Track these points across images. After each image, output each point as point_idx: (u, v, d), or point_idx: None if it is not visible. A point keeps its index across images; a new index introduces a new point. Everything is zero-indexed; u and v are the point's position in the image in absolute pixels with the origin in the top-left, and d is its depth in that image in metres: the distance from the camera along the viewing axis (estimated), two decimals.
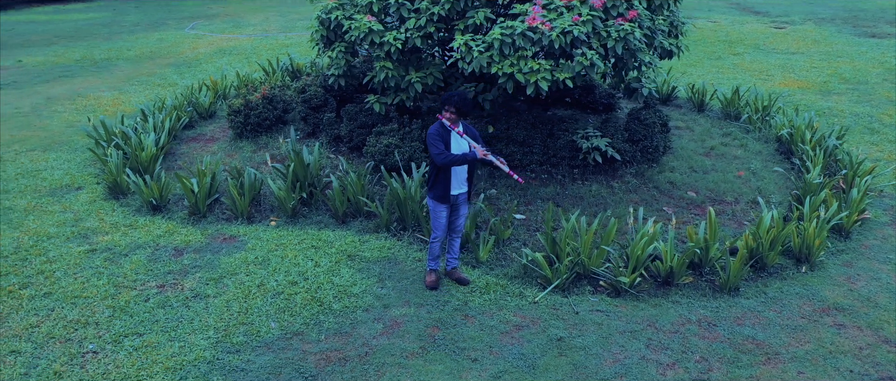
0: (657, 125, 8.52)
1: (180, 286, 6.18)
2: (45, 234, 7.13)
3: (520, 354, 5.27)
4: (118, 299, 5.98)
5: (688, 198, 7.92)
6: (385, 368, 5.12)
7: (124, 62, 15.13)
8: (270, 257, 6.65)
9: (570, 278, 6.21)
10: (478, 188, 7.94)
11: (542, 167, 8.22)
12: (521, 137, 8.12)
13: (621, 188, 7.93)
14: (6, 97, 12.38)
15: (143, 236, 7.06)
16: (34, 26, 19.88)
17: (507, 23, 7.17)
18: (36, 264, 6.54)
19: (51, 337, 5.46)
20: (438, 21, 7.73)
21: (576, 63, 7.11)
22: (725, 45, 16.29)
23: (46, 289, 6.12)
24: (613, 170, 8.26)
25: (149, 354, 5.26)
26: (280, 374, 5.04)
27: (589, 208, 7.53)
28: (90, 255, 6.71)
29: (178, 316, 5.73)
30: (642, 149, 8.41)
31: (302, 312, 5.80)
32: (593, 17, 7.17)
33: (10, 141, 9.99)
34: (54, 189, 8.25)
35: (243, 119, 9.56)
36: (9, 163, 9.11)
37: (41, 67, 14.78)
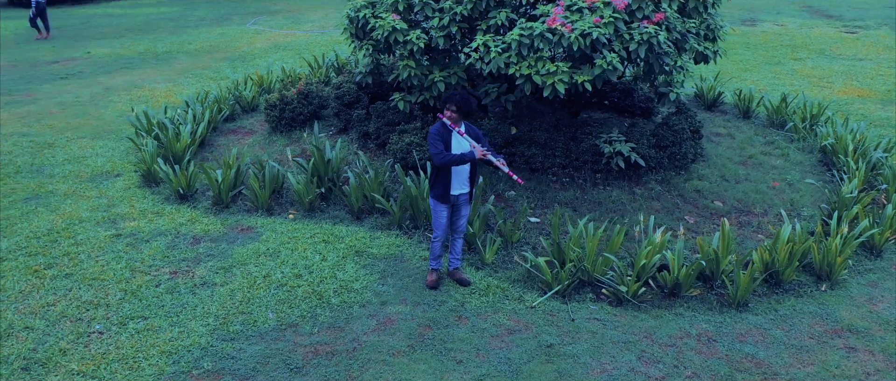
0: (687, 131, 8.28)
1: (191, 274, 6.40)
2: (77, 217, 7.50)
3: (506, 358, 5.23)
4: (132, 282, 6.24)
5: (713, 208, 7.66)
6: (369, 364, 5.17)
7: (184, 55, 15.72)
8: (281, 249, 6.81)
9: (573, 285, 6.12)
10: (496, 189, 7.90)
11: (565, 171, 8.11)
12: (543, 140, 8.03)
13: (643, 195, 7.75)
14: (70, 87, 13.06)
15: (167, 224, 7.34)
16: (108, 19, 20.87)
17: (526, 24, 7.11)
18: (64, 246, 6.89)
19: (63, 316, 5.75)
20: (461, 21, 7.73)
21: (596, 66, 7.01)
22: (788, 50, 15.65)
23: (68, 270, 6.45)
24: (638, 176, 8.07)
25: (149, 337, 5.48)
26: (267, 364, 5.17)
27: (606, 214, 7.39)
28: (115, 239, 7.03)
29: (184, 302, 5.94)
30: (670, 155, 8.19)
31: (301, 304, 5.91)
32: (616, 19, 7.03)
33: (65, 128, 10.54)
34: (95, 176, 8.66)
35: (278, 114, 9.80)
36: (60, 149, 9.62)
37: (107, 58, 15.52)
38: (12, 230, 7.22)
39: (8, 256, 6.70)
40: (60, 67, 14.76)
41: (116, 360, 5.21)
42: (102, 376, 5.03)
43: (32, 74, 14.05)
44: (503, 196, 7.83)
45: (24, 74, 14.05)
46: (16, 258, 6.65)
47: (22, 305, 5.91)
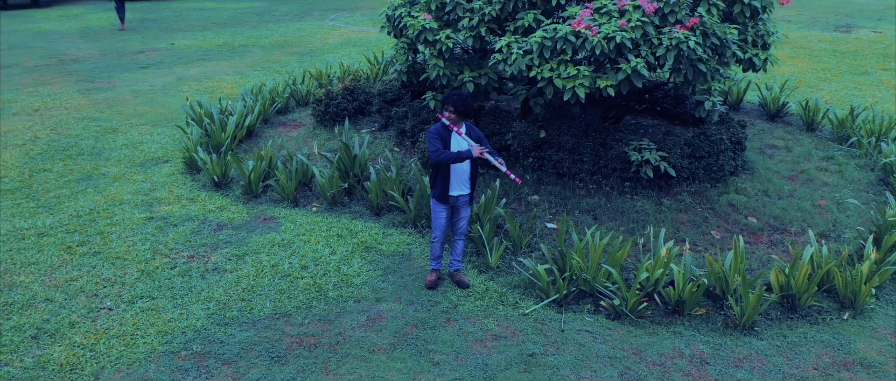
0: (725, 142, 7.90)
1: (206, 259, 6.67)
2: (119, 199, 7.96)
3: (483, 364, 5.18)
4: (150, 263, 6.58)
5: (745, 224, 7.28)
6: (347, 359, 5.24)
7: (258, 49, 16.34)
8: (296, 240, 6.99)
9: (573, 295, 5.98)
10: (521, 193, 7.81)
11: (593, 177, 7.91)
12: (571, 145, 7.86)
13: (671, 207, 7.45)
14: (147, 76, 13.84)
15: (197, 210, 7.68)
16: (199, 13, 21.94)
17: (550, 26, 6.99)
18: (100, 226, 7.33)
19: (81, 291, 6.13)
20: (490, 21, 7.68)
21: (619, 71, 6.81)
22: (879, 60, 14.61)
23: (98, 248, 6.86)
24: (669, 186, 7.77)
25: (151, 316, 5.76)
26: (251, 351, 5.33)
27: (627, 224, 7.16)
28: (147, 222, 7.41)
29: (191, 286, 6.20)
30: (705, 167, 7.83)
31: (299, 295, 6.06)
32: (643, 23, 6.79)
33: (132, 114, 11.19)
34: (145, 161, 9.16)
35: (324, 108, 10.05)
36: (121, 134, 10.23)
37: (188, 49, 16.34)
38: (60, 208, 7.74)
39: (49, 231, 7.20)
40: (144, 56, 15.66)
41: (116, 336, 5.50)
42: (99, 349, 5.33)
43: (117, 63, 14.99)
44: (525, 200, 7.72)
45: (110, 63, 15.00)
46: (55, 234, 7.13)
47: (49, 278, 6.34)
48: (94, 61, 15.17)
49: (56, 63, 15.04)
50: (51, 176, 8.66)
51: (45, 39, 17.62)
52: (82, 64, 14.95)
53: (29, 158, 9.25)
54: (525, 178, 8.10)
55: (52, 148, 9.64)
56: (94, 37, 18.01)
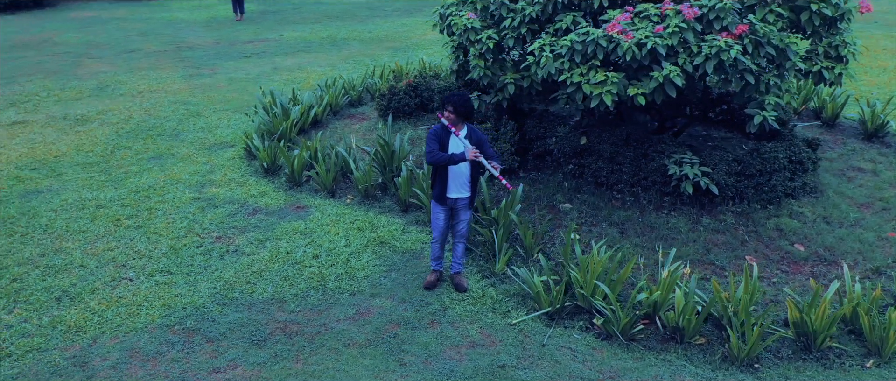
0: (781, 161, 7.27)
1: (231, 241, 7.02)
2: (177, 178, 8.53)
3: (450, 370, 5.11)
4: (181, 241, 7.01)
5: (788, 251, 6.68)
6: (321, 350, 5.35)
7: (358, 43, 16.85)
8: (317, 230, 7.19)
9: (568, 309, 5.75)
10: (554, 200, 7.60)
11: (632, 189, 7.55)
12: (609, 153, 7.54)
13: (709, 226, 6.98)
14: (247, 65, 14.67)
15: (241, 194, 8.08)
16: (315, 6, 22.89)
17: (584, 29, 6.74)
18: (151, 202, 7.89)
19: (113, 261, 6.64)
20: (530, 22, 7.50)
21: (652, 79, 6.46)
22: None
23: (141, 223, 7.39)
24: (712, 205, 7.28)
25: (162, 290, 6.15)
26: (236, 332, 5.56)
27: (653, 241, 6.79)
28: (192, 202, 7.89)
29: (208, 265, 6.55)
30: (755, 186, 7.26)
31: (300, 283, 6.24)
32: (682, 29, 6.40)
33: (220, 100, 11.91)
34: (214, 144, 9.74)
35: (386, 103, 10.24)
36: (203, 118, 10.93)
37: (293, 41, 17.13)
38: (124, 183, 8.41)
39: (106, 204, 7.84)
40: (252, 46, 16.59)
41: (126, 305, 5.92)
42: (106, 316, 5.76)
43: (225, 52, 15.98)
44: (557, 207, 7.50)
45: (219, 51, 16.02)
46: (110, 207, 7.76)
47: (90, 247, 6.92)
48: (206, 49, 16.26)
49: (173, 50, 16.26)
50: (128, 153, 9.41)
51: (173, 28, 19.08)
52: (195, 51, 16.06)
53: (117, 136, 10.09)
54: (563, 185, 7.88)
55: (140, 128, 10.46)
56: (215, 26, 19.28)
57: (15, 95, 12.42)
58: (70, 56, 15.58)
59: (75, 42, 17.10)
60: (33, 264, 6.57)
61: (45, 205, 7.80)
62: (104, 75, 13.77)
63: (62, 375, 5.07)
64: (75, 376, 5.06)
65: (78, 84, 13.12)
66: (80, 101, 12.05)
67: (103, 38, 17.52)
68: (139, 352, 5.32)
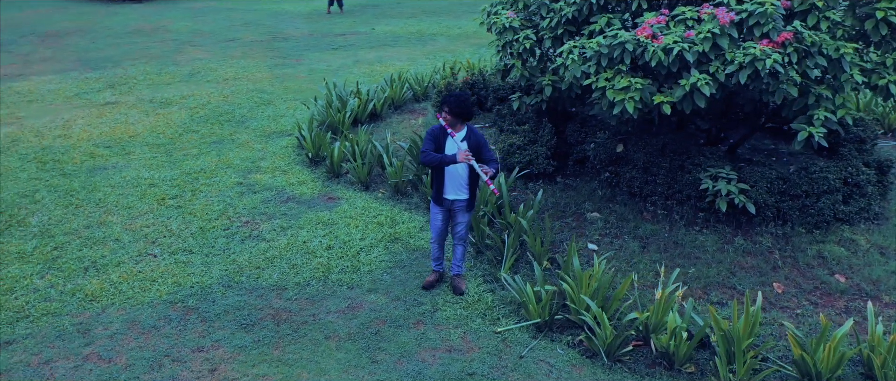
0: (831, 182, 6.65)
1: (256, 226, 7.27)
2: (228, 163, 8.93)
3: (417, 372, 5.06)
4: (211, 223, 7.34)
5: (824, 281, 6.11)
6: (302, 340, 5.44)
7: (444, 38, 16.95)
8: (339, 221, 7.31)
9: (559, 323, 5.55)
10: (582, 209, 7.34)
11: (666, 202, 7.17)
12: (643, 163, 7.18)
13: (741, 248, 6.50)
14: (331, 57, 15.12)
15: (280, 182, 8.35)
16: (413, 2, 23.19)
17: (613, 31, 6.46)
18: (197, 184, 8.31)
19: (144, 237, 7.06)
20: (567, 23, 7.27)
21: (678, 87, 6.11)
22: None
23: (181, 204, 7.81)
24: (750, 224, 6.77)
25: (178, 268, 6.47)
26: (228, 315, 5.76)
27: (674, 259, 6.41)
28: (234, 186, 8.25)
29: (227, 248, 6.83)
30: (801, 208, 6.69)
31: (305, 273, 6.38)
32: (716, 35, 6.00)
33: (294, 90, 12.35)
34: (272, 132, 10.12)
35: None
36: (271, 107, 11.37)
37: (383, 35, 17.47)
38: (180, 165, 8.91)
39: (158, 183, 8.33)
40: (342, 39, 17.07)
41: (142, 279, 6.29)
42: (121, 289, 6.14)
43: (315, 43, 16.54)
44: (584, 216, 7.24)
45: (310, 43, 16.60)
46: (160, 187, 8.25)
47: (131, 222, 7.39)
48: (298, 40, 16.90)
49: (269, 40, 17.01)
50: (194, 137, 9.95)
51: (275, 18, 19.97)
52: (288, 42, 16.73)
53: (190, 120, 10.69)
54: (596, 193, 7.60)
55: (213, 113, 11.03)
56: (315, 19, 19.99)
57: (116, 77, 13.44)
58: (175, 43, 16.66)
59: (184, 30, 18.26)
60: (76, 235, 7.09)
61: (105, 181, 8.40)
62: (199, 62, 14.62)
63: (65, 339, 5.46)
64: (76, 341, 5.43)
65: (174, 70, 14.01)
66: (171, 85, 12.86)
67: (209, 27, 18.59)
68: (138, 325, 5.64)
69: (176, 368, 5.13)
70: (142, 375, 5.06)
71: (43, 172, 8.69)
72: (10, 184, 8.32)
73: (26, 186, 8.23)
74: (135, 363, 5.19)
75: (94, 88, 12.73)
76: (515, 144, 7.96)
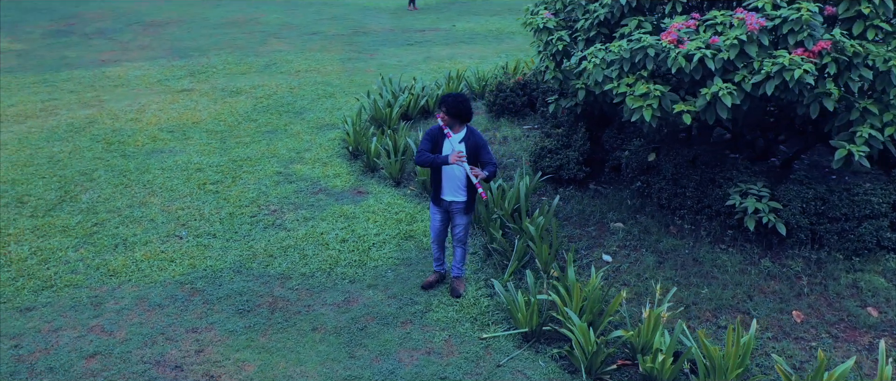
0: (877, 206, 6.08)
1: (282, 216, 7.48)
2: (274, 153, 9.23)
3: (390, 371, 5.04)
4: (241, 209, 7.61)
5: (855, 314, 5.60)
6: (290, 330, 5.55)
7: (521, 37, 16.76)
8: (360, 215, 7.40)
9: (548, 334, 5.38)
10: (606, 218, 7.09)
11: (695, 216, 6.80)
12: (672, 174, 6.84)
13: (765, 271, 6.07)
14: (404, 52, 15.29)
15: (317, 173, 8.54)
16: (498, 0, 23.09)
17: (638, 34, 6.19)
18: (240, 172, 8.63)
19: (177, 219, 7.41)
20: (599, 25, 7.02)
21: (700, 96, 5.78)
22: None
23: (220, 190, 8.13)
24: (781, 246, 6.31)
25: (198, 251, 6.75)
26: (230, 299, 5.95)
27: (688, 278, 6.07)
28: (273, 175, 8.51)
29: (248, 235, 7.05)
30: (839, 232, 6.16)
31: (312, 264, 6.49)
32: (743, 42, 5.63)
33: (359, 84, 12.59)
34: (324, 125, 10.36)
35: (493, 99, 10.18)
36: (331, 100, 11.65)
37: (461, 32, 17.50)
38: (230, 152, 9.28)
39: (205, 168, 8.72)
40: (420, 35, 17.23)
41: (161, 259, 6.60)
42: (141, 267, 6.48)
43: (393, 39, 16.78)
44: (608, 226, 6.98)
45: (388, 38, 16.86)
46: (206, 172, 8.62)
47: (169, 205, 7.77)
48: (378, 35, 17.20)
49: (349, 34, 17.41)
50: (252, 126, 10.34)
51: (361, 13, 20.41)
52: (368, 37, 17.06)
53: (252, 109, 11.12)
54: (625, 203, 7.31)
55: (275, 103, 11.42)
56: (400, 14, 20.28)
57: (198, 65, 14.17)
58: (262, 35, 17.36)
59: (274, 23, 18.99)
60: (117, 213, 7.54)
61: (158, 163, 8.88)
62: (278, 54, 15.16)
63: (78, 310, 5.82)
64: (86, 313, 5.78)
65: (252, 60, 14.61)
66: (246, 75, 13.43)
67: (298, 21, 19.24)
68: (145, 302, 5.93)
69: (167, 345, 5.36)
70: (134, 349, 5.32)
71: (107, 152, 9.28)
72: (76, 162, 8.95)
73: (88, 165, 8.83)
74: (132, 337, 5.46)
75: (175, 75, 13.47)
76: (546, 147, 7.78)
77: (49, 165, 8.86)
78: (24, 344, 5.38)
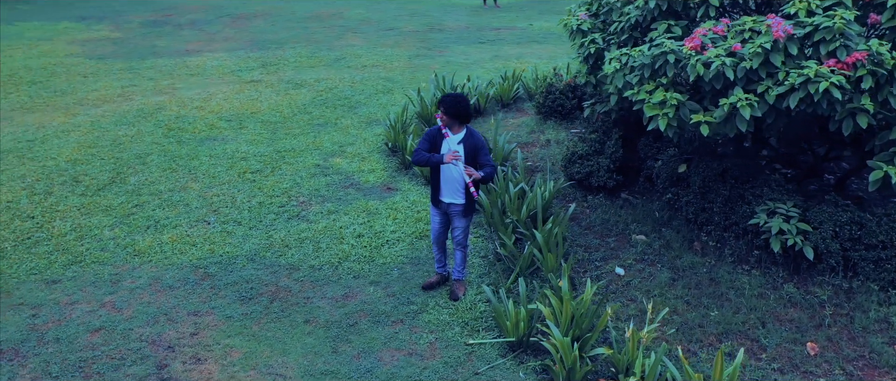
0: None
1: (308, 208, 7.62)
2: (318, 145, 9.42)
3: (368, 370, 5.04)
4: (272, 199, 7.81)
5: (879, 351, 5.13)
6: (283, 320, 5.65)
7: None
8: (383, 212, 7.44)
9: (535, 345, 5.23)
10: (629, 230, 6.81)
11: (723, 234, 6.42)
12: (700, 187, 6.48)
13: (787, 297, 5.66)
14: (474, 50, 15.23)
15: (353, 168, 8.65)
16: None
17: (661, 39, 5.91)
18: (280, 163, 8.86)
19: (210, 204, 7.69)
20: (632, 28, 6.75)
21: (719, 106, 5.46)
22: None
23: (258, 179, 8.38)
24: (809, 272, 5.87)
25: (220, 237, 6.98)
26: (235, 286, 6.12)
27: (700, 297, 5.74)
28: (311, 168, 8.69)
29: (271, 225, 7.24)
30: (876, 260, 5.65)
31: (323, 256, 6.59)
32: (768, 50, 5.28)
33: (419, 80, 12.64)
34: (374, 120, 10.47)
35: (542, 101, 10.00)
36: (387, 95, 11.76)
37: (537, 31, 17.26)
38: (278, 143, 9.55)
39: (249, 157, 9.01)
40: (494, 33, 17.12)
41: (184, 243, 6.88)
42: (163, 249, 6.77)
43: (466, 36, 16.75)
44: (628, 237, 6.71)
45: (461, 36, 16.85)
46: (249, 161, 8.91)
47: (206, 191, 8.09)
48: (452, 33, 17.22)
49: (425, 31, 17.52)
50: (305, 118, 10.60)
51: (441, 10, 20.49)
52: (442, 33, 17.11)
53: (310, 102, 11.40)
54: (653, 215, 7.00)
55: (334, 97, 11.66)
56: (479, 12, 20.22)
57: (272, 58, 14.66)
58: (340, 29, 17.75)
59: (355, 18, 19.38)
60: (158, 196, 7.92)
61: (208, 151, 9.25)
62: (350, 48, 15.47)
63: (97, 286, 6.16)
64: (103, 289, 6.11)
65: (324, 54, 14.97)
66: (314, 68, 13.78)
67: (378, 16, 19.55)
68: (158, 283, 6.20)
69: (167, 326, 5.58)
70: (136, 327, 5.57)
71: (165, 138, 9.76)
72: (135, 146, 9.46)
73: (145, 149, 9.32)
74: (137, 315, 5.72)
75: (248, 66, 14.00)
76: (577, 152, 7.55)
77: (111, 147, 9.40)
78: (41, 314, 5.75)
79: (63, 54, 15.15)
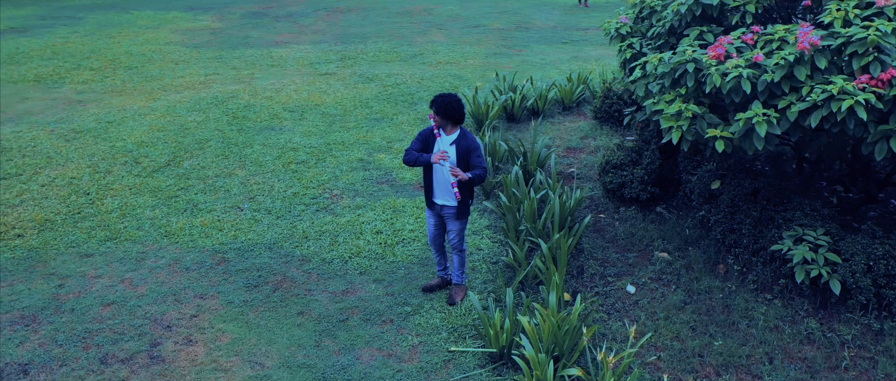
0: None
1: (338, 201, 7.73)
2: (367, 140, 9.54)
3: (343, 366, 5.05)
4: (304, 190, 7.98)
5: None
6: (278, 310, 5.76)
7: None
8: (409, 209, 7.43)
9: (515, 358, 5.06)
10: (651, 246, 6.47)
11: (752, 257, 5.97)
12: (729, 207, 6.05)
13: (802, 332, 5.20)
14: (552, 51, 14.92)
15: (394, 164, 8.69)
16: None
17: (683, 47, 5.58)
18: (326, 155, 9.04)
19: (248, 193, 7.96)
20: (668, 33, 6.39)
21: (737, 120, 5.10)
22: None
23: (300, 171, 8.58)
24: (838, 307, 5.35)
25: (248, 224, 7.21)
26: (246, 273, 6.30)
27: (707, 324, 5.36)
28: (354, 161, 8.80)
29: (299, 215, 7.39)
30: None
31: (338, 250, 6.66)
32: (793, 63, 4.87)
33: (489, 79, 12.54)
34: (423, 117, 10.48)
35: (600, 104, 9.68)
36: None
37: None
38: (327, 135, 9.75)
39: (299, 148, 9.25)
40: (580, 34, 16.69)
41: (212, 228, 7.15)
42: (193, 232, 7.07)
43: (550, 36, 16.43)
44: (651, 254, 6.37)
45: (546, 35, 16.54)
46: (298, 151, 9.15)
47: (250, 179, 8.37)
48: (537, 32, 16.94)
49: (511, 29, 17.33)
50: (365, 112, 10.76)
51: (534, 9, 20.18)
52: (527, 32, 16.87)
53: (374, 96, 11.54)
54: (684, 232, 6.61)
55: (397, 92, 11.75)
56: (570, 11, 19.77)
57: (352, 51, 14.97)
58: (427, 25, 17.87)
59: (444, 14, 19.44)
60: (204, 180, 8.28)
61: (263, 140, 9.58)
62: (430, 45, 15.54)
63: (122, 262, 6.51)
64: (127, 266, 6.45)
65: (404, 50, 15.12)
66: (389, 63, 13.95)
67: (468, 13, 19.52)
68: (177, 264, 6.48)
69: (172, 305, 5.83)
70: (144, 305, 5.85)
71: (228, 125, 10.19)
72: (198, 131, 9.94)
73: (206, 135, 9.76)
74: (148, 293, 6.01)
75: (327, 59, 14.36)
76: (612, 162, 7.23)
77: (177, 131, 9.92)
78: (66, 285, 6.15)
79: (164, 42, 16.13)
